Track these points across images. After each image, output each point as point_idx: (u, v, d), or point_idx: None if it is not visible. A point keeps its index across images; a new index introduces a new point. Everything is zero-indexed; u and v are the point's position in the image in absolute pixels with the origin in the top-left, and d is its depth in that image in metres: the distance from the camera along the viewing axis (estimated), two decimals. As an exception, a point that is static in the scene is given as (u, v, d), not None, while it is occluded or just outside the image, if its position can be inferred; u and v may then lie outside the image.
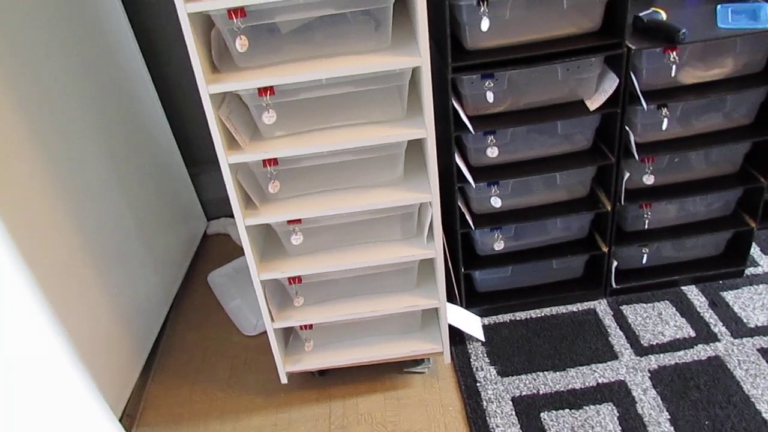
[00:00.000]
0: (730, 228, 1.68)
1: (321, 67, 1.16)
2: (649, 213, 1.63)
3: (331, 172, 1.32)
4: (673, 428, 1.39)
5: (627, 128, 1.47)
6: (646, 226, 1.66)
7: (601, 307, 1.73)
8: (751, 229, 1.67)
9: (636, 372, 1.53)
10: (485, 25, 1.30)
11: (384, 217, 1.37)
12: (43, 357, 1.27)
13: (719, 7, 1.44)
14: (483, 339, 1.67)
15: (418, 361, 1.62)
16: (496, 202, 1.55)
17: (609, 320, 1.68)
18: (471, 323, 1.66)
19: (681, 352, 1.56)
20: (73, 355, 1.36)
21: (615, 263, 1.68)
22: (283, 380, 1.55)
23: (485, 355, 1.62)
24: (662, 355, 1.56)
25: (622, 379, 1.51)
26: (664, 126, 1.48)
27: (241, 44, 1.13)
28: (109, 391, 1.47)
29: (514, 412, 1.47)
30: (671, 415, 1.42)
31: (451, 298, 1.60)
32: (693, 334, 1.61)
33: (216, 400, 1.62)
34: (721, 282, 1.76)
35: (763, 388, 1.45)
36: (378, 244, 1.42)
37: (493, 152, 1.48)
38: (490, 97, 1.40)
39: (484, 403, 1.50)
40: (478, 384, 1.55)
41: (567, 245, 1.68)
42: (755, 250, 1.84)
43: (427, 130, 1.23)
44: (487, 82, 1.38)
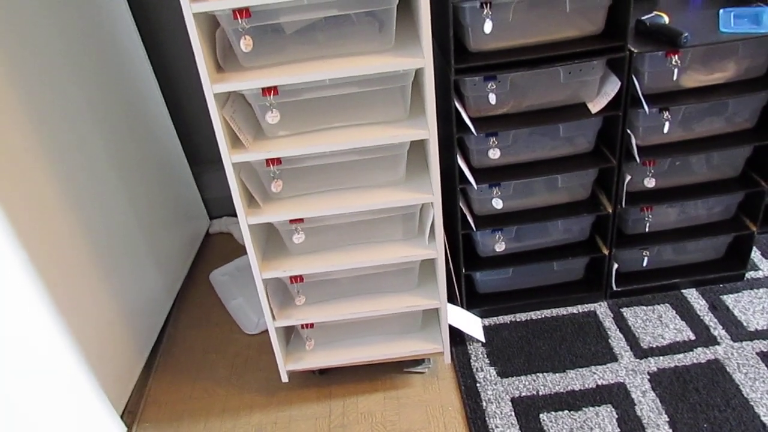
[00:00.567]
0: (731, 232, 1.68)
1: (325, 67, 1.17)
2: (650, 216, 1.64)
3: (333, 172, 1.33)
4: (671, 431, 1.39)
5: (629, 131, 1.48)
6: (647, 229, 1.67)
7: (602, 309, 1.73)
8: (751, 233, 1.67)
9: (635, 374, 1.53)
10: (488, 27, 1.31)
11: (386, 218, 1.38)
12: (45, 353, 1.28)
13: (721, 11, 1.45)
14: (483, 340, 1.67)
15: (418, 361, 1.62)
16: (498, 204, 1.55)
17: (609, 322, 1.68)
18: (471, 324, 1.66)
19: (681, 355, 1.57)
20: (76, 351, 1.37)
21: (616, 266, 1.68)
22: (284, 379, 1.56)
23: (485, 355, 1.63)
24: (662, 357, 1.57)
25: (622, 381, 1.52)
26: (666, 129, 1.49)
27: (245, 44, 1.14)
28: (110, 388, 1.48)
29: (513, 413, 1.47)
30: (670, 418, 1.42)
31: (451, 299, 1.60)
32: (693, 337, 1.61)
33: (217, 397, 1.63)
34: (721, 285, 1.76)
35: (762, 392, 1.45)
36: (379, 244, 1.42)
37: (495, 154, 1.49)
38: (493, 98, 1.40)
39: (484, 403, 1.50)
40: (478, 384, 1.55)
41: (568, 247, 1.69)
42: (756, 254, 1.85)
43: (429, 131, 1.24)
44: (489, 84, 1.39)
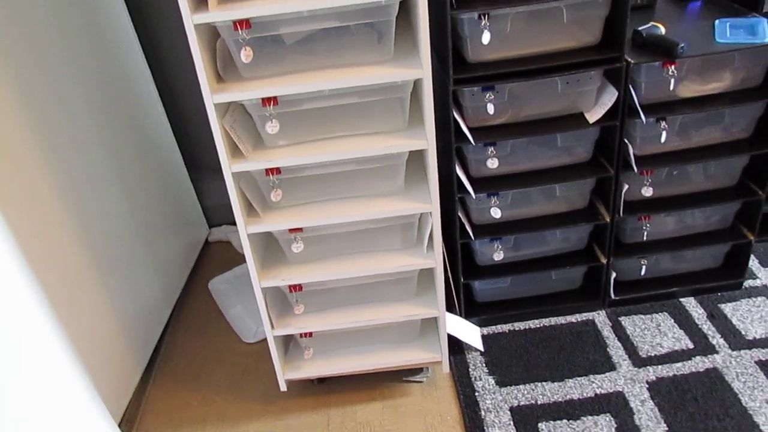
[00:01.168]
0: (729, 240, 1.69)
1: (324, 78, 1.18)
2: (648, 225, 1.64)
3: (332, 181, 1.34)
4: (670, 440, 1.40)
5: (626, 141, 1.49)
6: (645, 238, 1.67)
7: (600, 318, 1.73)
8: (749, 241, 1.68)
9: (634, 383, 1.53)
10: (486, 38, 1.32)
11: (384, 227, 1.38)
12: (44, 360, 1.28)
13: (717, 21, 1.46)
14: (482, 349, 1.67)
15: (416, 370, 1.62)
16: (496, 213, 1.56)
17: (607, 331, 1.69)
18: (470, 333, 1.66)
19: (679, 364, 1.57)
20: (74, 359, 1.37)
21: (614, 275, 1.69)
22: (283, 387, 1.56)
23: (484, 364, 1.63)
24: (660, 366, 1.57)
25: (620, 390, 1.52)
26: (663, 139, 1.49)
27: (245, 55, 1.15)
28: (109, 396, 1.48)
29: (512, 422, 1.47)
30: (669, 427, 1.42)
31: (450, 308, 1.60)
32: (691, 346, 1.61)
33: (215, 405, 1.63)
34: (719, 294, 1.76)
35: (761, 401, 1.45)
36: (378, 253, 1.43)
37: (493, 163, 1.49)
38: (491, 109, 1.41)
39: (482, 412, 1.50)
40: (477, 393, 1.55)
41: (566, 256, 1.69)
42: (753, 263, 1.85)
43: (428, 141, 1.24)
44: (487, 95, 1.40)
